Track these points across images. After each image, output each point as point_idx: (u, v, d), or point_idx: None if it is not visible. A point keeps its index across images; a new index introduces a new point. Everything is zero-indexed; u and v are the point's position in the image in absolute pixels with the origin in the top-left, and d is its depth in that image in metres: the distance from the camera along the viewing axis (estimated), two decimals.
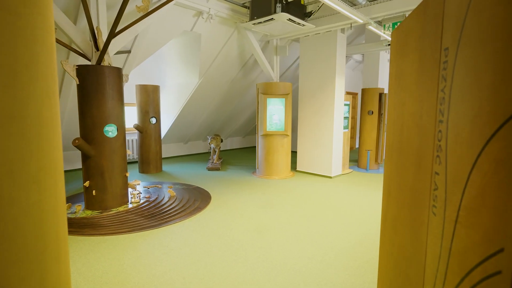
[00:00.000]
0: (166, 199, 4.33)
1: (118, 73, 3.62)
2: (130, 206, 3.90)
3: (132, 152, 7.25)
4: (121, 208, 3.78)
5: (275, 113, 5.96)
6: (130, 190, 4.57)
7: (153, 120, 6.30)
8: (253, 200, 4.52)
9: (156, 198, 4.33)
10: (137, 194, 4.12)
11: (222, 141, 7.67)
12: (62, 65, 3.21)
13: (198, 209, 4.06)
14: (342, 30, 5.80)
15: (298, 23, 4.67)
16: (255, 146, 10.16)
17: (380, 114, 6.98)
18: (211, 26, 5.36)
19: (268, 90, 5.90)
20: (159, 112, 6.43)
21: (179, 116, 7.18)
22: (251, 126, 10.18)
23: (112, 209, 3.73)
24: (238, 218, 3.74)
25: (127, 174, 3.92)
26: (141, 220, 3.57)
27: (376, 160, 7.05)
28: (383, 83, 7.80)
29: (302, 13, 4.68)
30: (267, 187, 5.32)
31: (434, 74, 0.92)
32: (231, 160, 8.13)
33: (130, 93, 7.04)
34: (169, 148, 8.28)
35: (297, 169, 6.69)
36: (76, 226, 3.32)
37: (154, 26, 4.73)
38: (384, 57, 7.80)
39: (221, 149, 9.83)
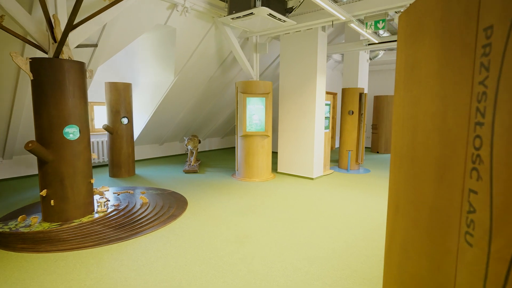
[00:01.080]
0: (137, 206, 3.98)
1: (80, 67, 3.23)
2: (96, 216, 3.51)
3: (97, 156, 6.75)
4: (85, 219, 3.39)
5: (255, 113, 5.73)
6: (97, 197, 4.16)
7: (125, 120, 5.87)
8: (233, 205, 4.26)
9: (127, 205, 3.96)
10: (105, 202, 3.74)
11: (200, 142, 7.34)
12: (12, 57, 2.79)
13: (173, 216, 3.75)
14: (323, 28, 5.67)
15: (279, 19, 4.46)
16: (235, 147, 9.90)
17: (360, 114, 6.95)
18: (186, 20, 5.03)
19: (248, 89, 5.66)
20: (132, 111, 6.00)
21: (154, 115, 6.77)
22: (230, 126, 9.90)
23: (75, 220, 3.34)
24: (216, 226, 3.47)
25: (92, 181, 3.53)
26: (108, 232, 3.21)
27: (356, 160, 7.02)
28: (363, 83, 7.80)
29: (283, 9, 4.48)
30: (247, 190, 5.08)
31: (466, 63, 0.71)
32: (209, 162, 7.81)
33: (99, 91, 6.54)
34: (143, 150, 7.83)
35: (278, 170, 6.50)
36: (30, 242, 2.91)
37: (124, 17, 4.35)
38: (364, 57, 7.80)
39: (199, 150, 9.47)
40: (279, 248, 2.93)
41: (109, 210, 3.71)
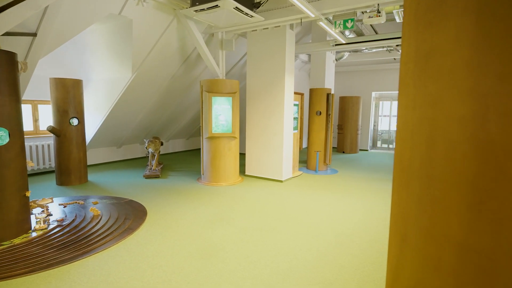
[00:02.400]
0: (87, 220, 3.48)
1: (9, 59, 2.69)
2: (33, 235, 2.98)
3: (43, 162, 5.98)
4: (18, 240, 2.85)
5: (221, 113, 5.41)
6: (36, 212, 3.58)
7: (75, 121, 5.23)
8: (198, 213, 3.92)
9: (73, 219, 3.44)
10: (45, 217, 3.20)
11: (162, 144, 6.84)
12: None
13: (129, 230, 3.32)
14: (291, 26, 5.52)
15: (246, 14, 4.20)
16: (200, 149, 9.47)
17: (327, 115, 6.93)
18: (144, 10, 4.58)
19: (214, 87, 5.33)
20: (83, 111, 5.38)
21: (109, 116, 6.15)
22: (195, 127, 9.45)
23: (4, 243, 2.78)
24: (179, 239, 3.11)
25: (28, 193, 2.98)
26: (47, 254, 2.71)
27: (324, 161, 6.99)
28: (330, 83, 7.83)
29: (250, 3, 4.23)
30: (214, 196, 4.75)
31: None
32: (173, 165, 7.33)
33: (44, 88, 5.79)
34: (98, 154, 7.12)
35: (246, 173, 6.24)
36: None
37: (68, 3, 3.80)
38: (330, 58, 7.82)
39: (161, 153, 8.90)
40: (249, 263, 2.66)
41: (51, 226, 3.18)
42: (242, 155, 8.96)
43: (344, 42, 5.63)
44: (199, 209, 4.08)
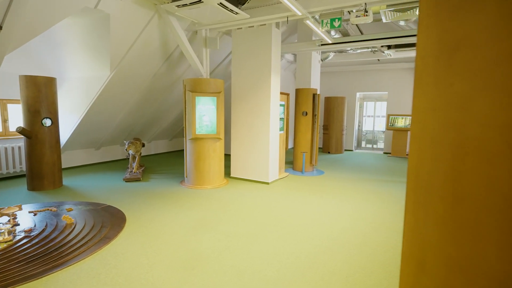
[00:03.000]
0: (59, 229, 3.21)
1: None
2: None
3: (13, 165, 5.58)
4: None
5: (205, 114, 5.22)
6: (1, 222, 3.28)
7: (48, 122, 4.90)
8: (181, 219, 3.72)
9: (44, 229, 3.17)
10: (11, 227, 2.92)
11: (144, 145, 6.56)
12: None
13: (106, 239, 3.09)
14: (277, 25, 5.40)
15: (231, 10, 4.04)
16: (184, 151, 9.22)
17: (313, 115, 6.87)
18: (122, 4, 4.33)
19: (197, 87, 5.13)
20: (57, 111, 5.05)
21: (86, 116, 5.83)
22: (179, 127, 9.18)
23: None
24: (161, 249, 2.91)
25: None
26: (13, 269, 2.45)
27: (311, 162, 6.93)
28: (315, 83, 7.78)
29: None
30: (198, 200, 4.56)
31: None
32: (155, 168, 7.06)
33: (14, 86, 5.40)
34: (74, 156, 6.76)
35: (232, 175, 6.08)
36: None
37: None
38: (316, 58, 7.77)
39: (143, 154, 8.57)
40: (236, 273, 2.51)
41: (17, 238, 2.90)
42: (227, 156, 8.77)
43: (330, 42, 5.58)
44: (182, 215, 3.88)
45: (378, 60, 10.13)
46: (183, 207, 4.20)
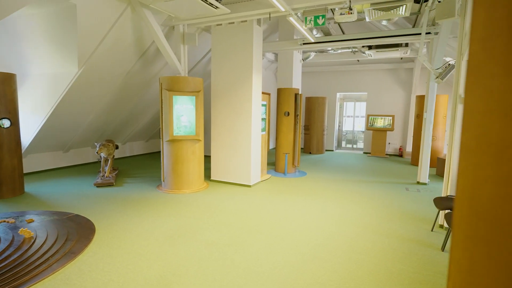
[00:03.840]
0: (15, 245, 2.84)
1: None
2: None
3: None
4: None
5: (183, 114, 4.94)
6: None
7: (6, 123, 4.43)
8: (158, 227, 3.44)
9: None
10: None
11: (117, 147, 6.16)
12: None
13: (71, 255, 2.76)
14: (258, 22, 5.22)
15: (210, 4, 3.80)
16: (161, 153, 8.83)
17: (296, 116, 6.75)
18: None
19: (175, 85, 4.84)
20: (17, 111, 4.58)
21: (52, 116, 5.35)
22: (155, 128, 8.77)
23: None
24: (134, 263, 2.63)
25: None
26: None
27: (293, 163, 6.80)
28: (297, 83, 7.67)
29: None
30: (176, 205, 4.28)
31: None
32: (130, 171, 6.65)
33: None
34: (39, 160, 6.22)
35: (212, 178, 5.82)
36: None
37: None
38: (297, 57, 7.67)
39: (116, 157, 8.09)
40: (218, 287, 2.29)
41: None
42: (207, 158, 8.49)
43: (313, 40, 5.47)
44: (159, 223, 3.59)
45: (358, 60, 10.21)
46: (159, 214, 3.91)
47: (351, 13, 3.79)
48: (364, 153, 10.39)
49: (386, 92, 10.03)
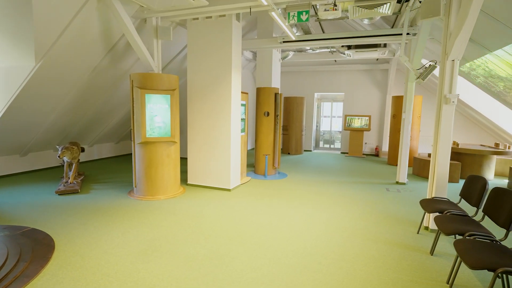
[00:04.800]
0: None
1: None
2: None
3: None
4: None
5: (157, 114, 4.56)
6: None
7: None
8: (128, 241, 3.08)
9: None
10: None
11: (83, 150, 5.63)
12: None
13: (24, 279, 2.35)
14: (237, 17, 4.95)
15: None
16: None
17: (275, 116, 6.56)
18: None
19: (147, 83, 4.45)
20: None
21: (6, 116, 4.75)
22: (126, 128, 8.22)
23: None
24: (101, 285, 2.28)
25: None
26: None
27: (273, 164, 6.61)
28: (276, 82, 7.50)
29: None
30: (149, 214, 3.91)
31: None
32: (98, 176, 6.12)
33: None
34: None
35: (189, 182, 5.48)
36: None
37: None
38: (276, 56, 7.50)
39: (82, 161, 7.46)
40: None
41: None
42: (184, 160, 8.09)
43: (294, 38, 5.30)
44: (130, 235, 3.23)
45: (335, 61, 10.25)
46: (131, 224, 3.53)
47: (335, 9, 3.64)
48: (341, 153, 10.46)
49: (362, 92, 10.15)
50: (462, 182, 6.21)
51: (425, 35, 4.97)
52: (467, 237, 2.37)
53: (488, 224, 3.73)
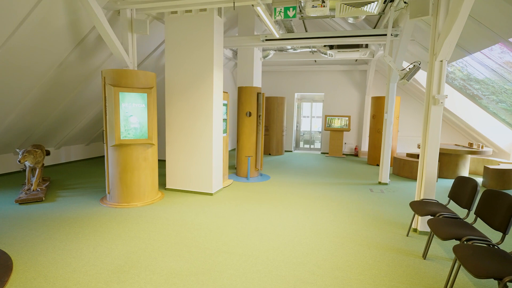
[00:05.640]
0: None
1: None
2: None
3: None
4: None
5: (133, 114, 4.21)
6: None
7: None
8: (102, 256, 2.74)
9: None
10: None
11: (48, 153, 5.13)
12: None
13: None
14: (219, 12, 4.71)
15: None
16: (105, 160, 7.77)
17: (258, 116, 6.37)
18: None
19: (122, 80, 4.09)
20: None
21: None
22: (98, 128, 7.67)
23: None
24: None
25: None
26: None
27: (255, 166, 6.42)
28: (258, 82, 7.32)
29: None
30: (125, 224, 3.57)
31: None
32: (66, 181, 5.61)
33: None
34: None
35: (167, 186, 5.14)
36: None
37: None
38: (258, 55, 7.31)
39: (48, 164, 6.84)
40: None
41: None
42: (162, 162, 7.68)
43: (278, 36, 5.13)
44: (103, 249, 2.89)
45: (315, 61, 10.25)
46: (104, 237, 3.18)
47: (324, 6, 3.51)
48: (322, 153, 10.48)
49: (342, 93, 10.23)
50: (440, 181, 6.36)
51: (407, 36, 4.99)
52: (464, 242, 2.30)
53: (481, 226, 3.76)
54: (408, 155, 7.55)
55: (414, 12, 3.32)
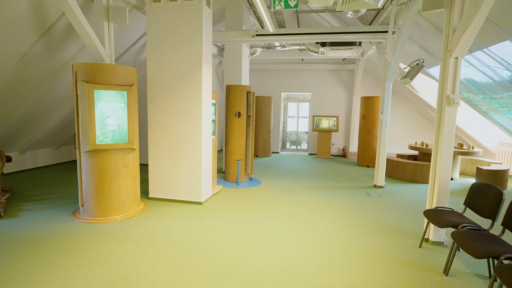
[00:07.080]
0: None
1: None
2: None
3: None
4: None
5: (110, 115, 3.67)
6: None
7: None
8: (75, 287, 2.24)
9: None
10: None
11: (10, 160, 4.46)
12: None
13: None
14: (208, 3, 4.25)
15: None
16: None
17: (248, 117, 5.96)
18: None
19: (97, 76, 3.54)
20: None
21: None
22: (70, 130, 6.94)
23: None
24: None
25: None
26: None
27: (245, 170, 6.01)
28: (246, 80, 6.91)
29: None
30: (102, 243, 3.05)
31: None
32: (31, 192, 4.93)
33: None
34: None
35: (151, 195, 4.62)
36: None
37: None
38: (245, 52, 6.90)
39: (9, 171, 6.05)
40: None
41: None
42: (143, 167, 7.08)
43: (272, 30, 4.74)
44: (76, 279, 2.37)
45: (302, 60, 9.99)
46: (77, 263, 2.65)
47: None
48: (309, 154, 10.24)
49: (329, 92, 10.04)
50: None
51: (406, 34, 4.78)
52: (503, 261, 2.03)
53: (508, 238, 3.50)
54: (398, 155, 7.44)
55: (428, 5, 3.05)
